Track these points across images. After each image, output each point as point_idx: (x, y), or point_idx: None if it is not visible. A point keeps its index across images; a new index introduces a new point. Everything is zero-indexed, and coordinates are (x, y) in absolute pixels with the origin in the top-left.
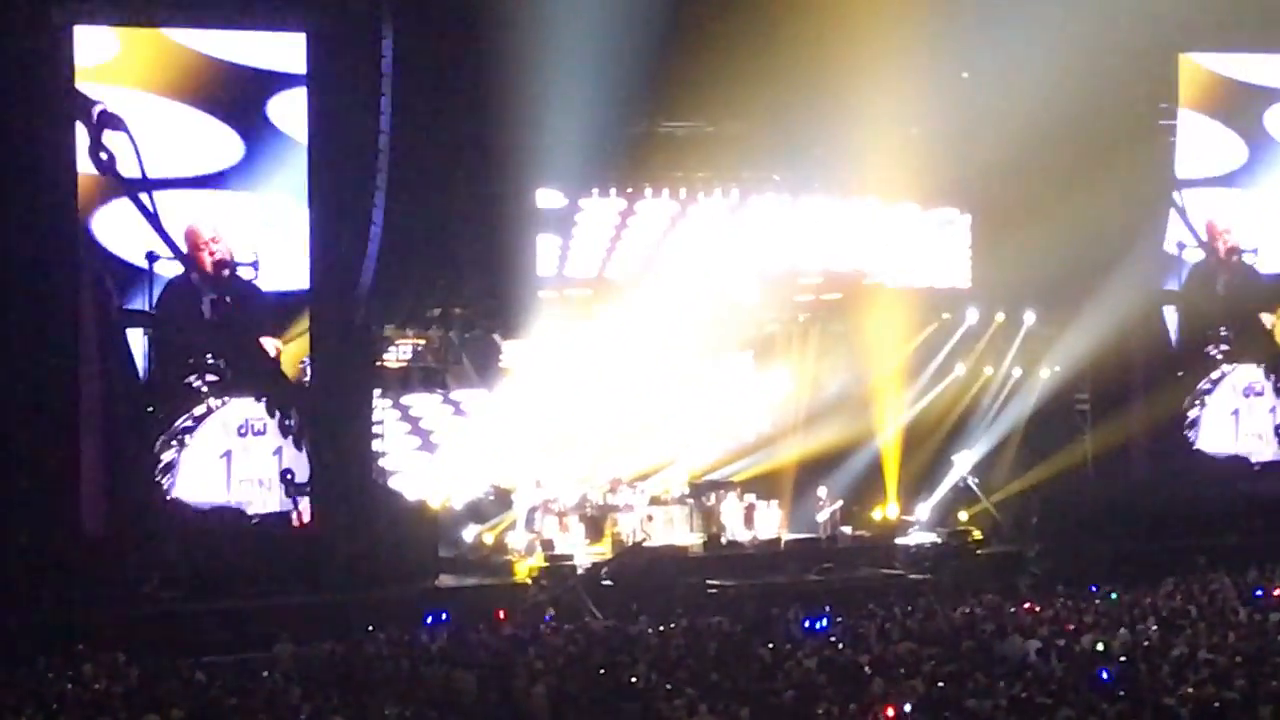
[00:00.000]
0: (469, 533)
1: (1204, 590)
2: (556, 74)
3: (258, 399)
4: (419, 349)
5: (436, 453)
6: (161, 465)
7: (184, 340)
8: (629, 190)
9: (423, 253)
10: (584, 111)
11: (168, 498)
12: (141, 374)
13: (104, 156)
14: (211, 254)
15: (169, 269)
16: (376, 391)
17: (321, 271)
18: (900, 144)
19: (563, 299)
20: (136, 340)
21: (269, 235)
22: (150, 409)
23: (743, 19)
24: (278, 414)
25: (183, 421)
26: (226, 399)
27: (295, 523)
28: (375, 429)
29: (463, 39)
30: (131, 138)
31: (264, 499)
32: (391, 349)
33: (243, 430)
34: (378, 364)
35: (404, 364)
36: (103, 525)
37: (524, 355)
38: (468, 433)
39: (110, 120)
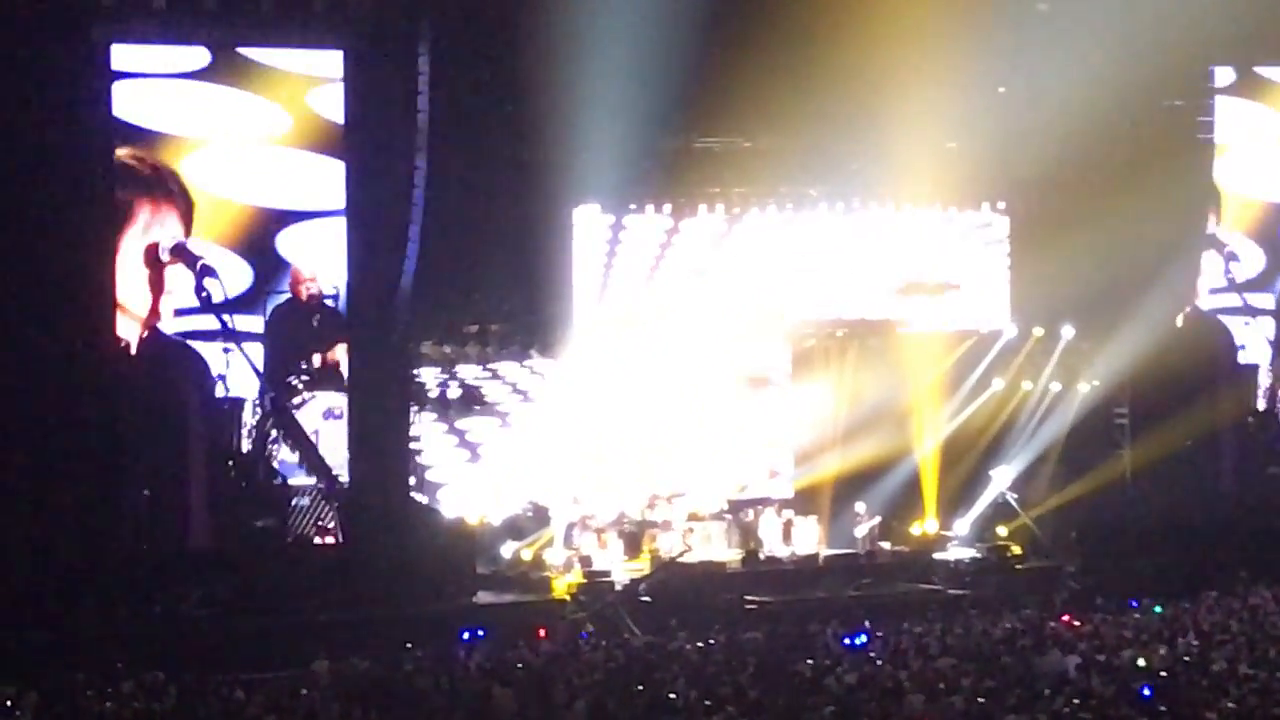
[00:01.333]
0: (507, 549)
1: (1244, 605)
2: (592, 90)
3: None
4: (456, 365)
5: (476, 468)
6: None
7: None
8: (667, 206)
9: (460, 270)
10: (621, 127)
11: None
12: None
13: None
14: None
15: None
16: (414, 407)
17: (359, 290)
18: (938, 157)
19: (601, 315)
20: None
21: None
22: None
23: (778, 33)
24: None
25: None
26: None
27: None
28: (414, 444)
29: (499, 54)
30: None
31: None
32: (430, 365)
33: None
34: (415, 380)
35: (443, 381)
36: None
37: (562, 371)
38: (506, 448)
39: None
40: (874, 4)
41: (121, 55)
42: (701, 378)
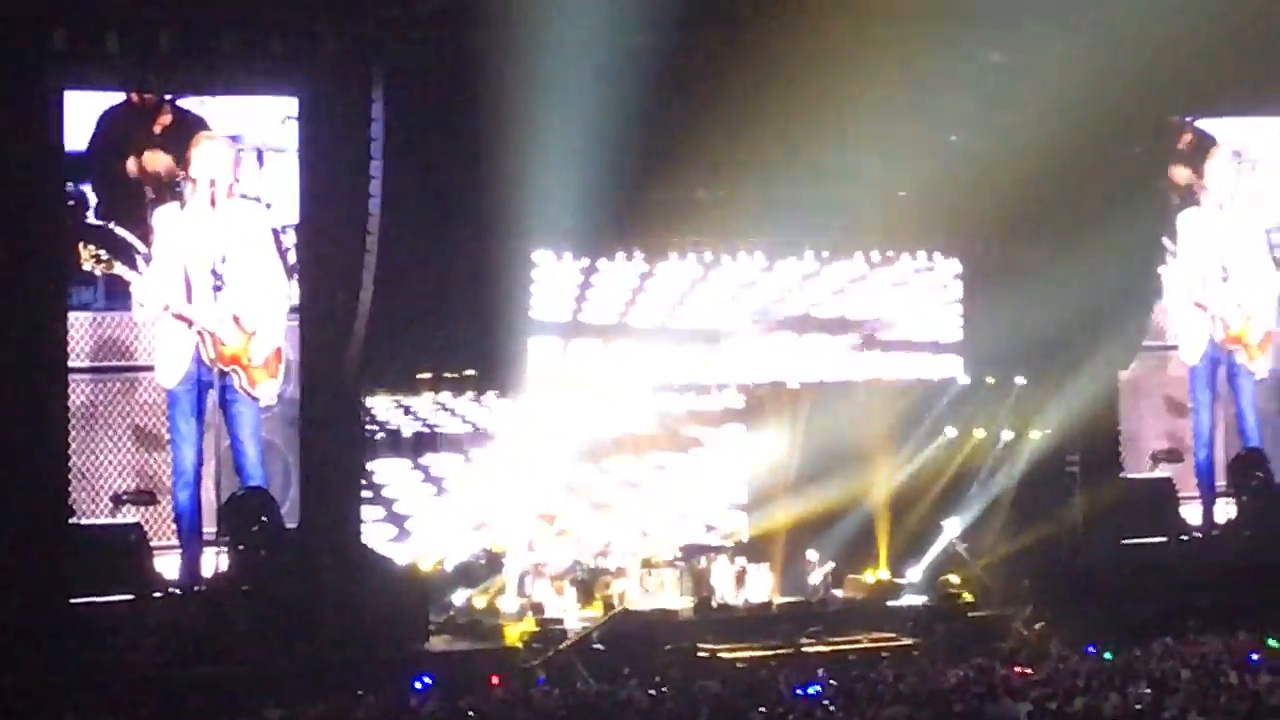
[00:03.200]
0: (459, 596)
1: (1196, 652)
2: (549, 137)
3: None
4: (409, 412)
5: (441, 502)
6: None
7: None
8: (615, 253)
9: (413, 317)
10: (574, 173)
11: None
12: None
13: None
14: None
15: None
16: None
17: (311, 337)
18: (891, 205)
19: (555, 362)
20: None
21: None
22: None
23: (728, 85)
24: None
25: None
26: None
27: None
28: (377, 481)
29: (455, 101)
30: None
31: None
32: (382, 412)
33: None
34: (367, 427)
35: (394, 428)
36: None
37: (515, 418)
38: (458, 495)
39: None
40: (827, 54)
41: (75, 102)
42: (654, 425)
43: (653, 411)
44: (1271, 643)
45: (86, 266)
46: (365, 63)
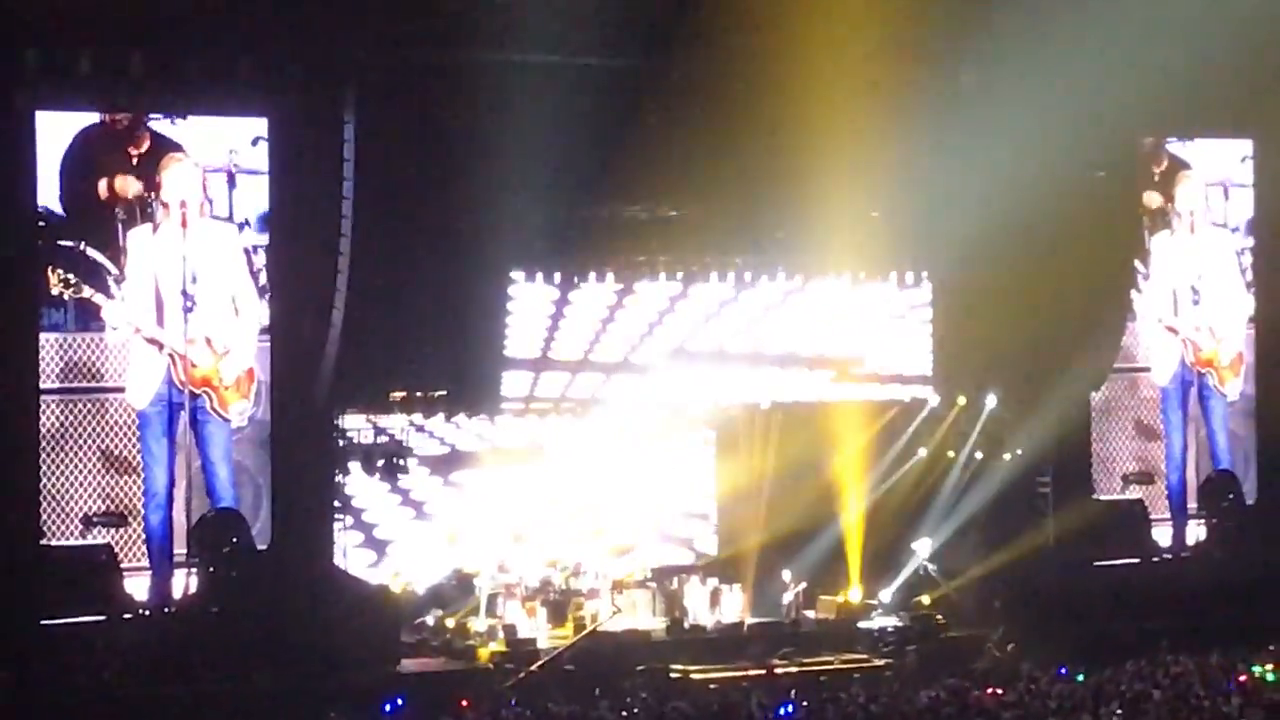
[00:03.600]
0: (431, 617)
1: (1167, 674)
2: (518, 159)
3: None
4: (381, 432)
5: (389, 551)
6: None
7: None
8: (588, 274)
9: (385, 337)
10: (544, 195)
11: None
12: None
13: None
14: None
15: None
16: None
17: (282, 358)
18: (862, 227)
19: (528, 383)
20: None
21: None
22: None
23: (704, 105)
24: None
25: None
26: None
27: None
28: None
29: (424, 122)
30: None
31: None
32: (354, 433)
33: None
34: (340, 448)
35: (365, 447)
36: None
37: (487, 439)
38: (423, 530)
39: None
40: (799, 75)
41: (47, 123)
42: (626, 444)
43: (624, 431)
44: (1256, 670)
45: (55, 290)
46: (335, 85)
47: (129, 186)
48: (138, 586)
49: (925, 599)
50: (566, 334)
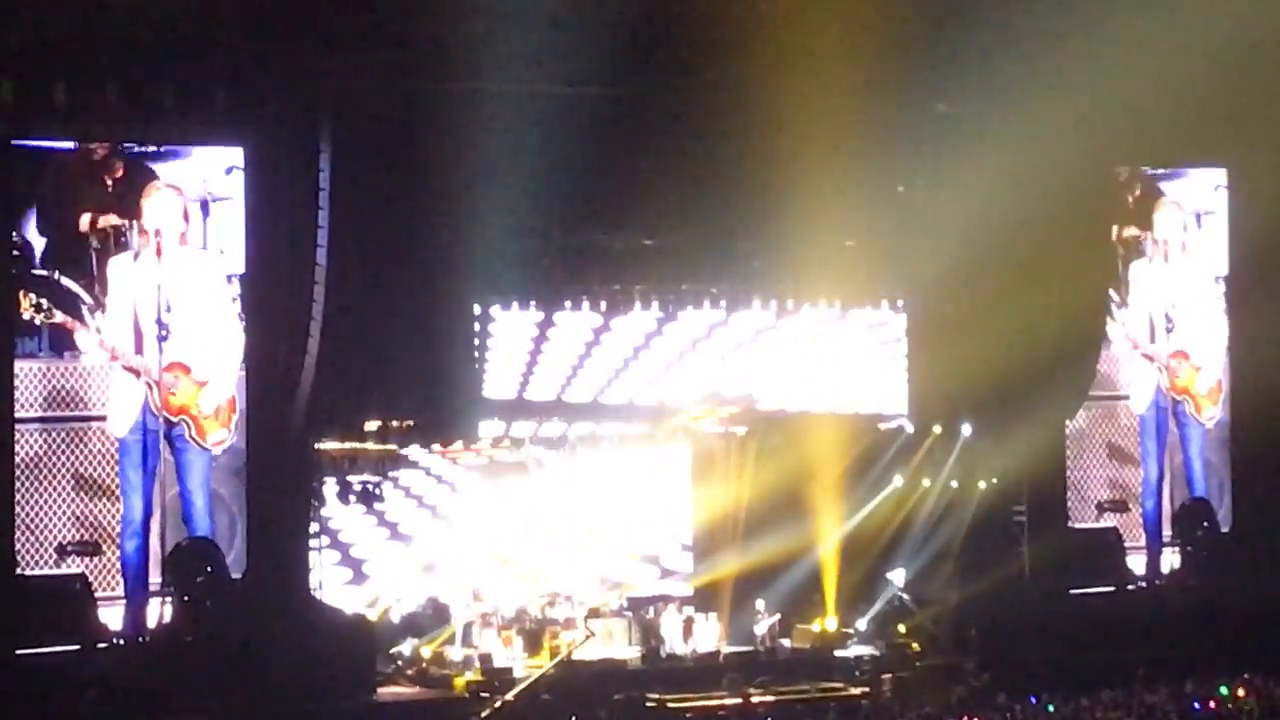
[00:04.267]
0: (406, 646)
1: (1141, 703)
2: (494, 188)
3: None
4: (355, 463)
5: (366, 571)
6: None
7: None
8: (564, 303)
9: (360, 366)
10: (519, 224)
11: None
12: None
13: None
14: None
15: None
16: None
17: (257, 387)
18: (836, 255)
19: (502, 412)
20: None
21: None
22: None
23: (681, 134)
24: None
25: None
26: None
27: None
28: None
29: (399, 152)
30: None
31: None
32: (329, 464)
33: None
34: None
35: (341, 480)
36: None
37: (462, 468)
38: (400, 552)
39: None
40: (775, 105)
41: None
42: (602, 473)
43: (600, 461)
44: (1223, 691)
45: (26, 316)
46: (311, 114)
47: (110, 221)
48: (112, 616)
49: (901, 628)
50: (544, 367)
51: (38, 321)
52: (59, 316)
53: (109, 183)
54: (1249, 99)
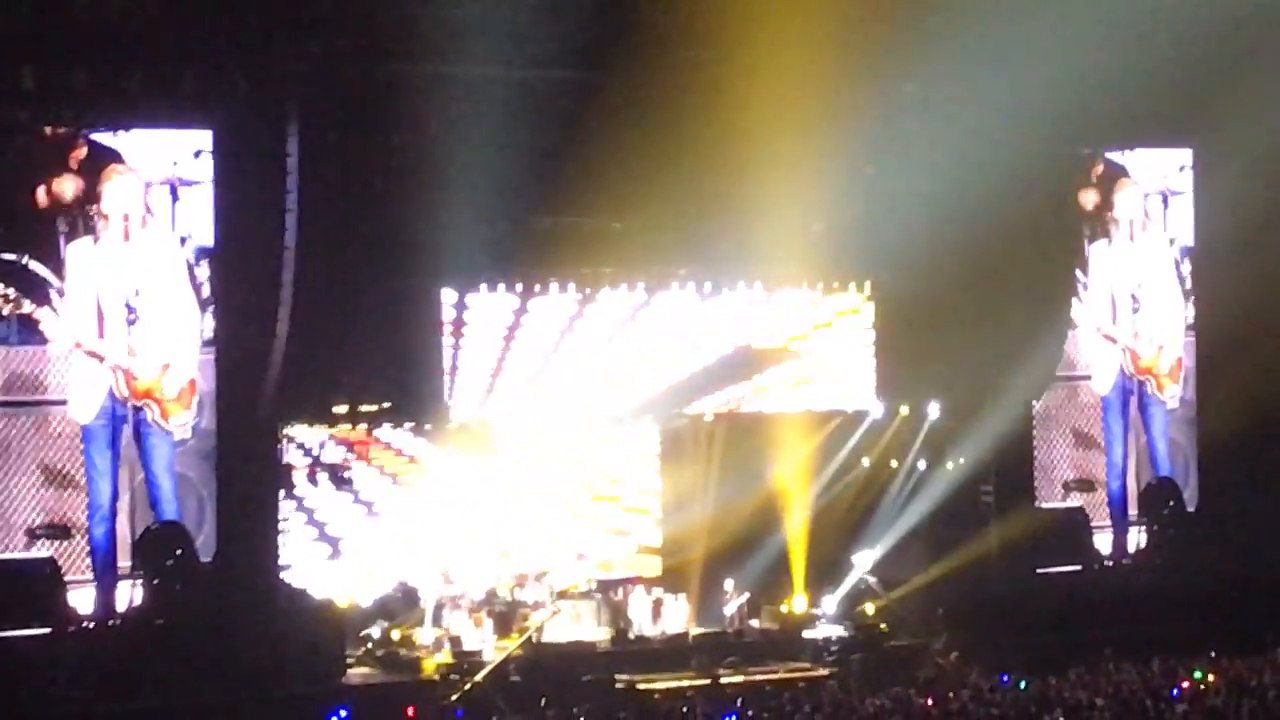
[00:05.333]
0: (376, 629)
1: (1110, 681)
2: (462, 171)
3: None
4: (324, 445)
5: (341, 548)
6: None
7: None
8: (534, 286)
9: (329, 350)
10: (488, 207)
11: None
12: None
13: None
14: None
15: None
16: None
17: (226, 370)
18: (805, 238)
19: (471, 395)
20: None
21: None
22: None
23: (648, 117)
24: None
25: None
26: None
27: None
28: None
29: (367, 135)
30: None
31: None
32: (298, 447)
33: None
34: (283, 461)
35: (310, 463)
36: None
37: (430, 451)
38: (374, 529)
39: None
40: (742, 88)
41: None
42: (570, 456)
43: (568, 444)
44: (1197, 674)
45: None
46: (278, 97)
47: (66, 188)
48: (82, 599)
49: (869, 608)
50: (515, 354)
51: (4, 312)
52: (25, 306)
53: (74, 166)
54: (1213, 78)
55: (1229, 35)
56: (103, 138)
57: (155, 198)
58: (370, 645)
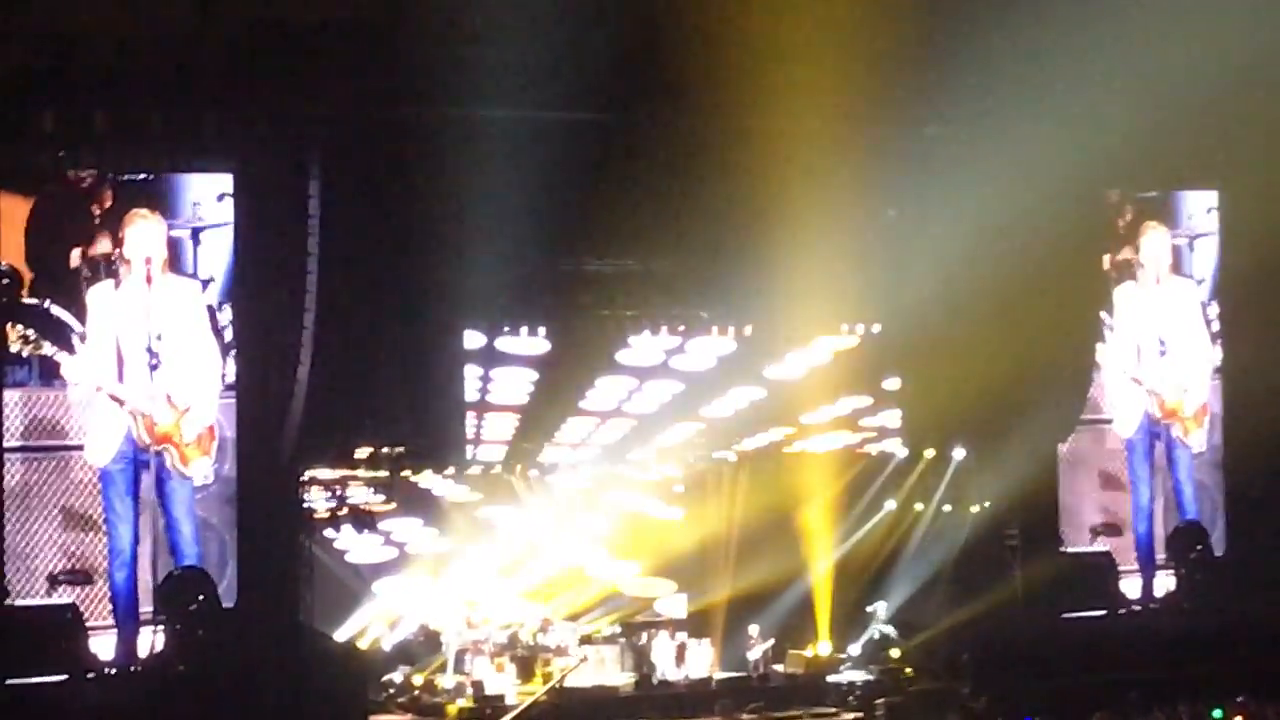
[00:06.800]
0: (398, 674)
1: None
2: (483, 214)
3: None
4: (347, 491)
5: (370, 592)
6: None
7: None
8: (557, 329)
9: (351, 394)
10: (511, 250)
11: None
12: None
13: None
14: None
15: None
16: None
17: (248, 414)
18: (829, 280)
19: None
20: None
21: None
22: None
23: (672, 159)
24: None
25: None
26: None
27: None
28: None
29: (390, 178)
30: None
31: None
32: (320, 491)
33: None
34: (306, 506)
35: (332, 508)
36: None
37: (454, 494)
38: (398, 573)
39: None
40: (764, 128)
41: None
42: (594, 498)
43: (592, 488)
44: (1216, 714)
45: (14, 348)
46: (301, 141)
47: (100, 248)
48: (103, 645)
49: (894, 652)
50: (540, 395)
51: (25, 353)
52: (47, 348)
53: (97, 212)
54: (1239, 121)
55: (1255, 76)
56: (124, 181)
57: (177, 242)
58: (392, 690)
